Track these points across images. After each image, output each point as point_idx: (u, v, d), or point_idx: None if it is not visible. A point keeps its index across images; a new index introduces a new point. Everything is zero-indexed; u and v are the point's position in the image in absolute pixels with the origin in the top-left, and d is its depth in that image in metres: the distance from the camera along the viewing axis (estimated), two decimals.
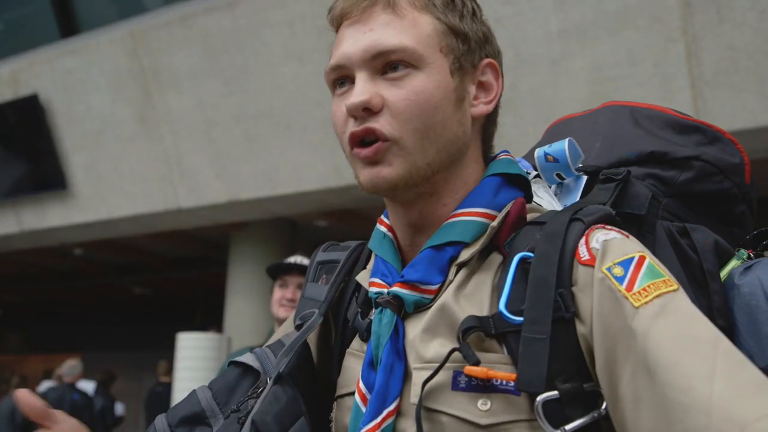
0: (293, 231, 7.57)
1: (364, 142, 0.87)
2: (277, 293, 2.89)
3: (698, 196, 1.01)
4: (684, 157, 1.00)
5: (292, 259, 2.99)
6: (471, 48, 0.91)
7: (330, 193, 5.89)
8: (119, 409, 8.67)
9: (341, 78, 0.90)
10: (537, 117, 4.58)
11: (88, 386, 8.27)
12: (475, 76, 0.92)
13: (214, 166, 6.22)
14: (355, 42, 0.88)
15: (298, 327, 0.96)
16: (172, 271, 10.81)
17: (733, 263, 0.96)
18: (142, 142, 6.53)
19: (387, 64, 0.86)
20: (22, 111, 7.07)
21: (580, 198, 1.00)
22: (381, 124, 0.85)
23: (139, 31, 6.27)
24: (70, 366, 7.84)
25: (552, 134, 1.16)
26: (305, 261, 2.91)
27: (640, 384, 0.72)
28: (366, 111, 0.85)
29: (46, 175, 7.10)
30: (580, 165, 1.02)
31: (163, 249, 9.56)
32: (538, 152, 1.03)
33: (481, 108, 0.93)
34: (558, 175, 1.02)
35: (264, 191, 6.06)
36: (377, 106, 0.85)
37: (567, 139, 1.00)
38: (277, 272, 2.96)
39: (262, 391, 0.87)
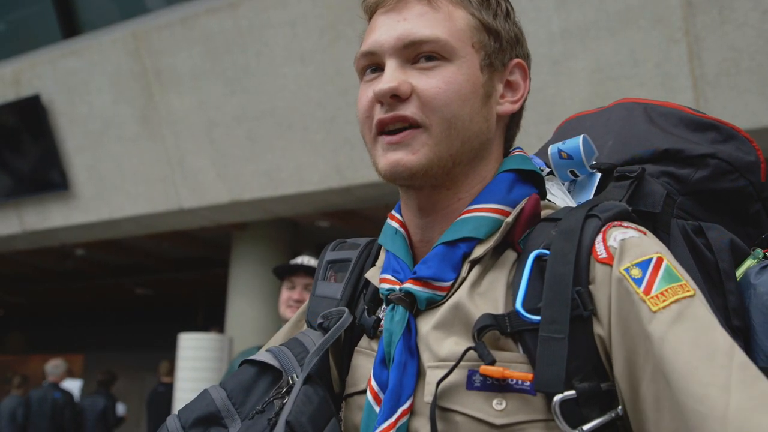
0: (295, 231, 7.55)
1: (391, 130, 0.87)
2: (285, 294, 2.88)
3: (713, 194, 1.00)
4: (699, 155, 1.00)
5: (299, 260, 2.98)
6: (502, 47, 0.92)
7: (332, 193, 5.88)
8: (120, 409, 8.64)
9: (371, 65, 0.91)
10: (538, 117, 4.57)
11: (73, 385, 8.25)
12: (503, 75, 0.93)
13: (216, 167, 6.21)
14: (388, 30, 0.88)
15: (319, 326, 0.94)
16: (173, 272, 10.79)
17: (749, 263, 0.95)
18: (143, 142, 6.52)
19: (418, 54, 0.87)
20: (24, 111, 7.06)
21: (594, 195, 0.99)
22: (411, 110, 0.86)
23: (141, 32, 6.27)
24: (53, 365, 7.85)
25: (563, 132, 1.15)
26: (312, 262, 2.90)
27: (661, 386, 0.71)
28: (394, 98, 0.86)
29: (48, 176, 7.10)
30: (594, 162, 1.01)
31: (164, 249, 9.55)
32: (552, 149, 1.02)
33: (507, 107, 0.93)
34: (572, 172, 1.01)
35: (266, 192, 6.05)
36: (405, 93, 0.85)
37: (581, 136, 0.99)
38: (284, 273, 2.95)
39: (287, 391, 0.85)
